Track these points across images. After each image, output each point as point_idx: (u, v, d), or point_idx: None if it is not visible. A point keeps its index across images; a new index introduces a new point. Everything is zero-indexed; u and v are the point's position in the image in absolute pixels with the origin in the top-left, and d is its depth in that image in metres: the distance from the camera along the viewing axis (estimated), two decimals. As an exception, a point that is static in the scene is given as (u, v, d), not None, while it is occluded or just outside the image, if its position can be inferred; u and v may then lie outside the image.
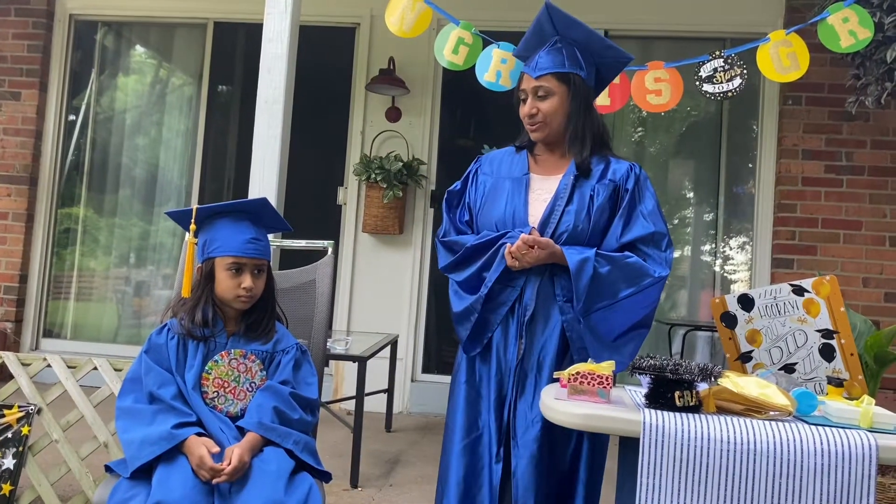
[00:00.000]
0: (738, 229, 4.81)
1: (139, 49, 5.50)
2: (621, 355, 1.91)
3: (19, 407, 2.51)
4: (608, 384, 1.59)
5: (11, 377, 2.57)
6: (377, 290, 4.74)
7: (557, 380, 1.68)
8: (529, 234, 1.95)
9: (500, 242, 1.98)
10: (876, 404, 1.55)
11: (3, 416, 2.49)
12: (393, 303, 4.72)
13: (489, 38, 3.16)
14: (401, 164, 4.55)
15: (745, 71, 3.02)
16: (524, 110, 2.06)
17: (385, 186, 4.51)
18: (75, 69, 5.21)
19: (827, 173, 4.28)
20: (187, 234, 1.94)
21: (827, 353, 2.22)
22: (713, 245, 4.88)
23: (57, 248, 5.15)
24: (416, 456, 3.70)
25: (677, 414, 1.47)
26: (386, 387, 4.18)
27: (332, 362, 4.54)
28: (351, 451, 3.18)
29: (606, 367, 1.61)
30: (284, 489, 1.68)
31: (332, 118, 5.01)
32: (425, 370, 4.79)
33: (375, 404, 4.19)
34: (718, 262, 4.86)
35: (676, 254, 4.89)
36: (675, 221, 4.94)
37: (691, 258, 4.96)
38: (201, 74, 5.14)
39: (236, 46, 5.42)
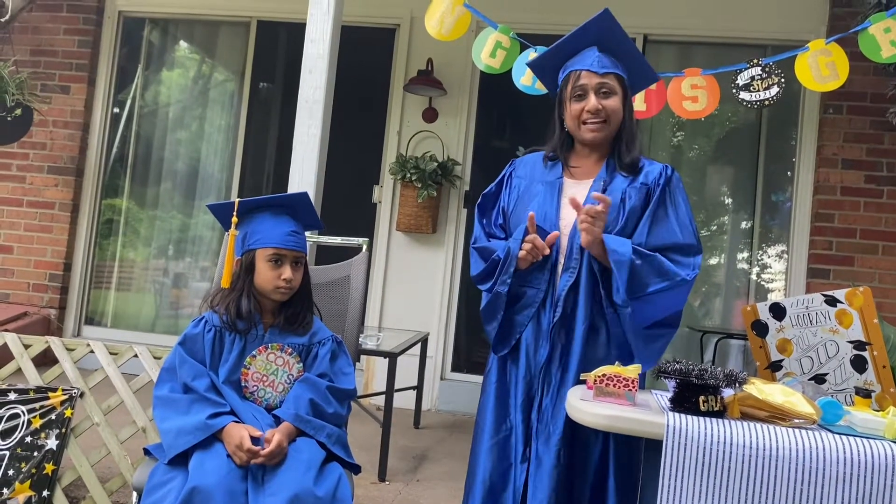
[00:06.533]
0: (774, 238, 4.76)
1: (184, 46, 5.63)
2: (650, 350, 1.93)
3: (63, 390, 2.60)
4: (634, 387, 1.62)
5: (56, 362, 2.67)
6: (409, 288, 4.79)
7: (584, 381, 1.71)
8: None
9: (510, 253, 1.98)
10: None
11: (48, 398, 2.58)
12: (424, 301, 4.77)
13: (526, 41, 3.18)
14: (436, 164, 4.59)
15: (782, 79, 3.01)
16: (588, 105, 2.01)
17: (420, 186, 4.56)
18: (122, 64, 5.34)
19: (867, 184, 4.22)
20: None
21: (859, 364, 2.21)
22: (749, 253, 4.84)
23: (99, 238, 5.30)
24: (443, 453, 3.74)
25: (701, 418, 1.49)
26: (415, 384, 4.23)
27: (363, 358, 4.60)
28: (379, 445, 3.23)
29: (633, 371, 1.63)
30: (315, 478, 1.73)
31: (369, 117, 5.07)
32: (454, 369, 4.83)
33: (405, 401, 4.25)
34: (754, 270, 4.82)
35: (713, 261, 4.86)
36: (713, 228, 4.90)
37: (726, 266, 4.91)
38: (244, 72, 5.24)
39: (278, 45, 5.51)
